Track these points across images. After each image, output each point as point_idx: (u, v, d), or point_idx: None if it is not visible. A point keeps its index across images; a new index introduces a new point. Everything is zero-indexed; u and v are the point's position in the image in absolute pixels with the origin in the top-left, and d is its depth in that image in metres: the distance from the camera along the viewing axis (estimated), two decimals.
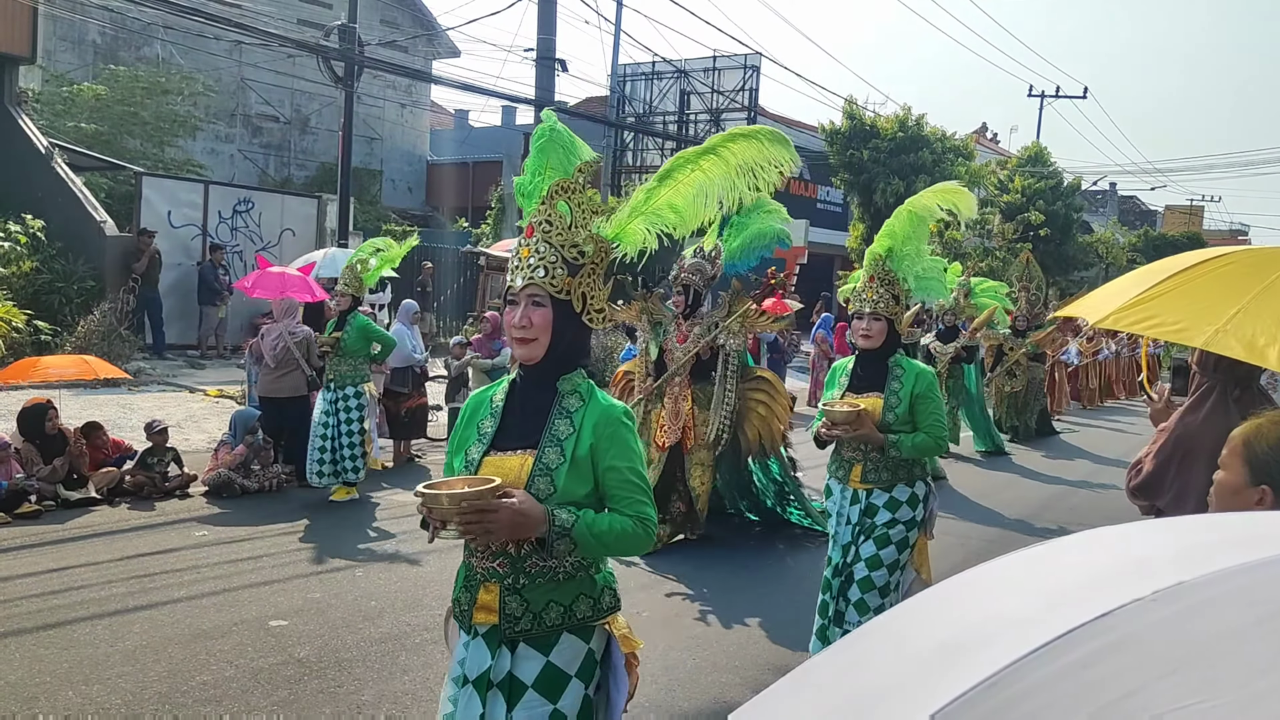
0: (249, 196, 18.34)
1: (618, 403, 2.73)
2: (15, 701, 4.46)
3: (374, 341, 8.73)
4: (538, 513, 2.46)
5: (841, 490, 4.72)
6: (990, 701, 0.82)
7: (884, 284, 4.65)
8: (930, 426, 4.54)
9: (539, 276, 2.60)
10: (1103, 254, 35.40)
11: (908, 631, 1.07)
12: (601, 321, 2.72)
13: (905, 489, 4.62)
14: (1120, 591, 0.88)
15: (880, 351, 4.64)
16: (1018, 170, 32.39)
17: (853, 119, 26.06)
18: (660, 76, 31.80)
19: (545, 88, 16.88)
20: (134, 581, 6.16)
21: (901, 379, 4.57)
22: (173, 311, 16.26)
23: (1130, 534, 1.12)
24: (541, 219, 2.67)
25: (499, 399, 2.77)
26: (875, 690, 0.96)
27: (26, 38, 16.90)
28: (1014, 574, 1.11)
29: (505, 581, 2.59)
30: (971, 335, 12.70)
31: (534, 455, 2.60)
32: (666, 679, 5.11)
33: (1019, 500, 10.35)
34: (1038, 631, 0.86)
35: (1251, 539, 1.00)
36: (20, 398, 9.49)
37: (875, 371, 4.64)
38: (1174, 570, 0.90)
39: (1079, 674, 0.81)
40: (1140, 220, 51.92)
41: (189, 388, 13.73)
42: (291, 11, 25.29)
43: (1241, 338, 2.81)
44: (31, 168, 16.42)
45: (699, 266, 7.46)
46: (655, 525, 2.65)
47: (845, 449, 4.69)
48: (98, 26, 23.61)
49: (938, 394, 4.62)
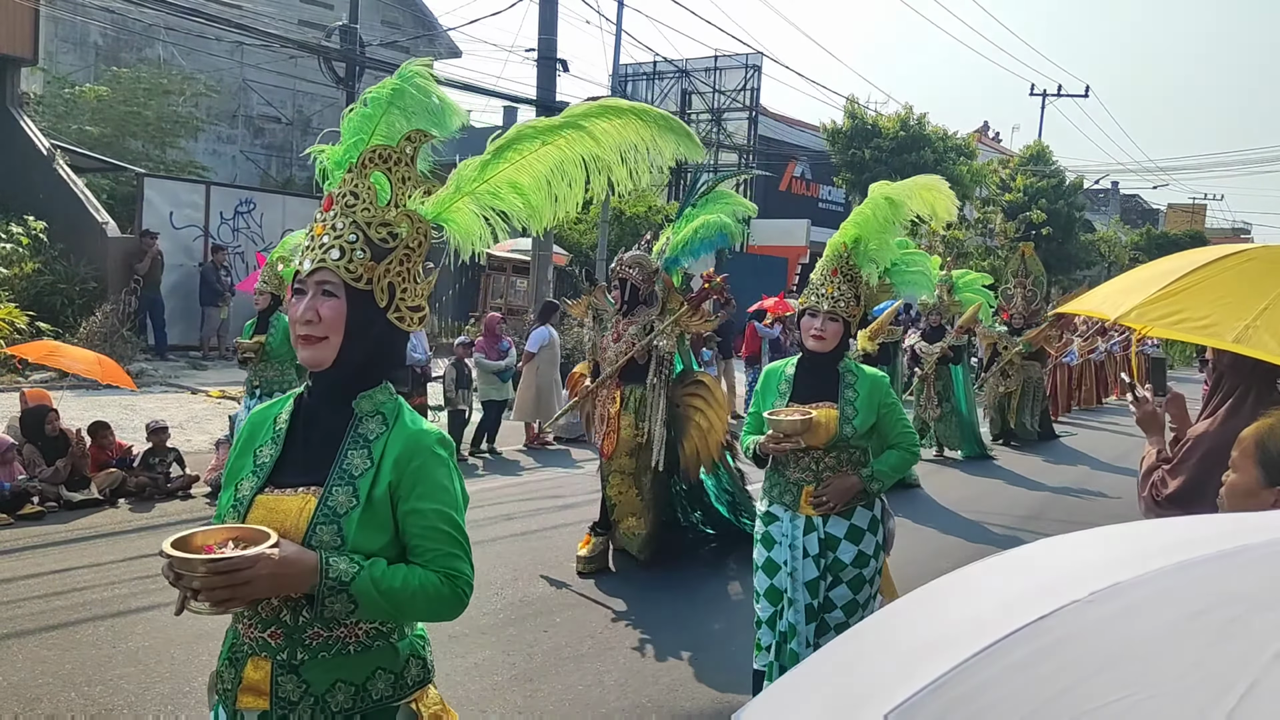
0: (250, 197, 18.37)
1: (431, 428, 2.20)
2: (18, 702, 4.47)
3: None
4: (307, 564, 1.95)
5: (791, 518, 4.09)
6: (937, 701, 0.85)
7: (847, 280, 4.11)
8: (901, 438, 4.11)
9: (332, 258, 2.10)
10: (1105, 253, 35.40)
11: (890, 635, 1.11)
12: (418, 322, 2.22)
13: (865, 513, 4.10)
14: (1061, 594, 0.91)
15: (831, 355, 4.09)
16: (1020, 169, 32.42)
17: (854, 118, 26.09)
18: (661, 76, 31.85)
19: (546, 88, 16.86)
20: (136, 583, 6.17)
21: (856, 386, 4.04)
22: (175, 312, 16.28)
23: (1088, 539, 1.15)
24: (345, 190, 2.17)
25: (284, 419, 2.22)
26: (860, 691, 0.99)
27: (28, 39, 16.93)
28: (978, 580, 1.14)
29: (279, 657, 2.05)
30: (958, 334, 12.30)
31: (318, 495, 2.07)
32: (669, 679, 5.12)
33: (1010, 507, 9.97)
34: (985, 634, 0.89)
35: (1194, 540, 1.03)
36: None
37: (823, 378, 4.09)
38: (1112, 572, 0.93)
39: (1017, 674, 0.84)
40: (1142, 219, 51.90)
41: (191, 389, 13.75)
42: (293, 12, 25.32)
43: (1275, 333, 2.74)
44: (33, 169, 16.45)
45: (638, 260, 6.93)
46: (469, 582, 2.13)
47: (790, 469, 4.09)
48: (99, 28, 23.64)
49: (897, 398, 4.22)
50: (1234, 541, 0.96)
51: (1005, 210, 31.55)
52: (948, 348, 12.13)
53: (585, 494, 9.33)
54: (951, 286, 12.38)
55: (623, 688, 5.01)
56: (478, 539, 7.50)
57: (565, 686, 4.98)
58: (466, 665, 5.15)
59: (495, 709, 4.68)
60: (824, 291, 4.08)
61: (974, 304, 12.21)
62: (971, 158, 26.54)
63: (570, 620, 5.95)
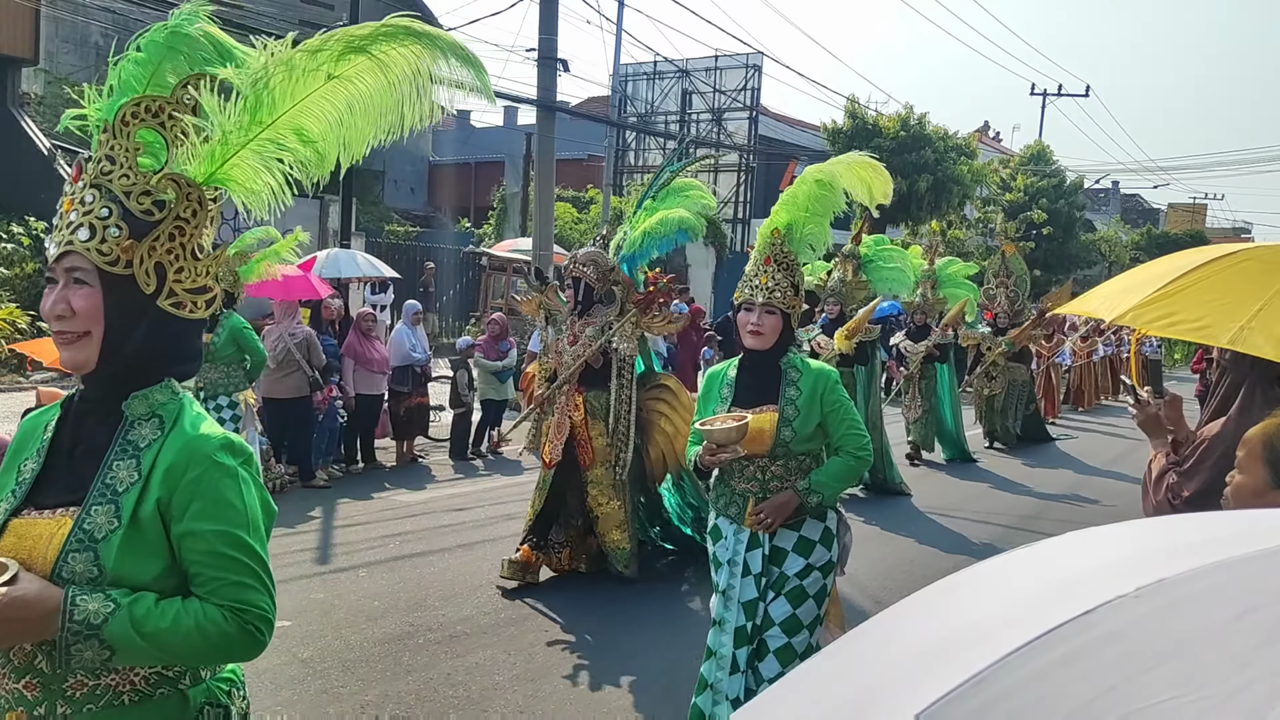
0: None
1: (216, 431, 1.86)
2: None
3: (245, 351, 7.69)
4: (48, 605, 1.62)
5: (735, 532, 3.76)
6: (974, 700, 0.82)
7: (782, 268, 3.75)
8: (847, 440, 3.67)
9: (80, 239, 1.76)
10: (1105, 252, 35.40)
11: (898, 634, 1.08)
12: (203, 307, 1.90)
13: (816, 524, 3.74)
14: (1103, 589, 0.89)
15: (771, 353, 3.73)
16: (1020, 169, 32.42)
17: (855, 118, 26.11)
18: (662, 76, 31.83)
19: (547, 88, 16.86)
20: None
21: (798, 383, 3.67)
22: None
23: (1117, 533, 1.13)
24: (100, 155, 1.82)
25: (50, 428, 1.88)
26: (867, 691, 0.96)
27: (29, 40, 16.94)
28: (1002, 575, 1.11)
29: (35, 712, 1.71)
30: (943, 332, 11.84)
31: (75, 517, 1.73)
32: (669, 680, 5.11)
33: (993, 513, 9.38)
34: (1022, 630, 0.87)
35: (1232, 536, 1.01)
36: (22, 399, 9.49)
37: (765, 379, 3.73)
38: (1156, 567, 0.91)
39: (1061, 670, 0.82)
40: (1143, 218, 51.87)
41: (189, 389, 13.73)
42: (293, 13, 25.31)
43: (1270, 335, 2.74)
44: (34, 170, 16.46)
45: (592, 257, 6.53)
46: (263, 617, 1.78)
47: (735, 479, 3.77)
48: (100, 28, 23.62)
49: (847, 396, 3.76)
50: (1277, 538, 0.94)
51: (1006, 210, 31.53)
52: (933, 346, 11.71)
53: None
54: (935, 282, 12.01)
55: (624, 687, 5.00)
56: (480, 538, 7.56)
57: (566, 686, 4.97)
58: (467, 665, 5.14)
59: (496, 709, 4.67)
60: (758, 283, 3.72)
61: (960, 299, 11.92)
62: (972, 157, 26.53)
63: (571, 620, 5.94)
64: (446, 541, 7.46)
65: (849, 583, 6.32)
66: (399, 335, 10.64)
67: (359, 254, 14.58)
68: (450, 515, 8.33)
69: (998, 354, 13.44)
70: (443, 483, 9.72)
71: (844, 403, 3.69)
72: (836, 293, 9.80)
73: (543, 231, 16.23)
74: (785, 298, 3.70)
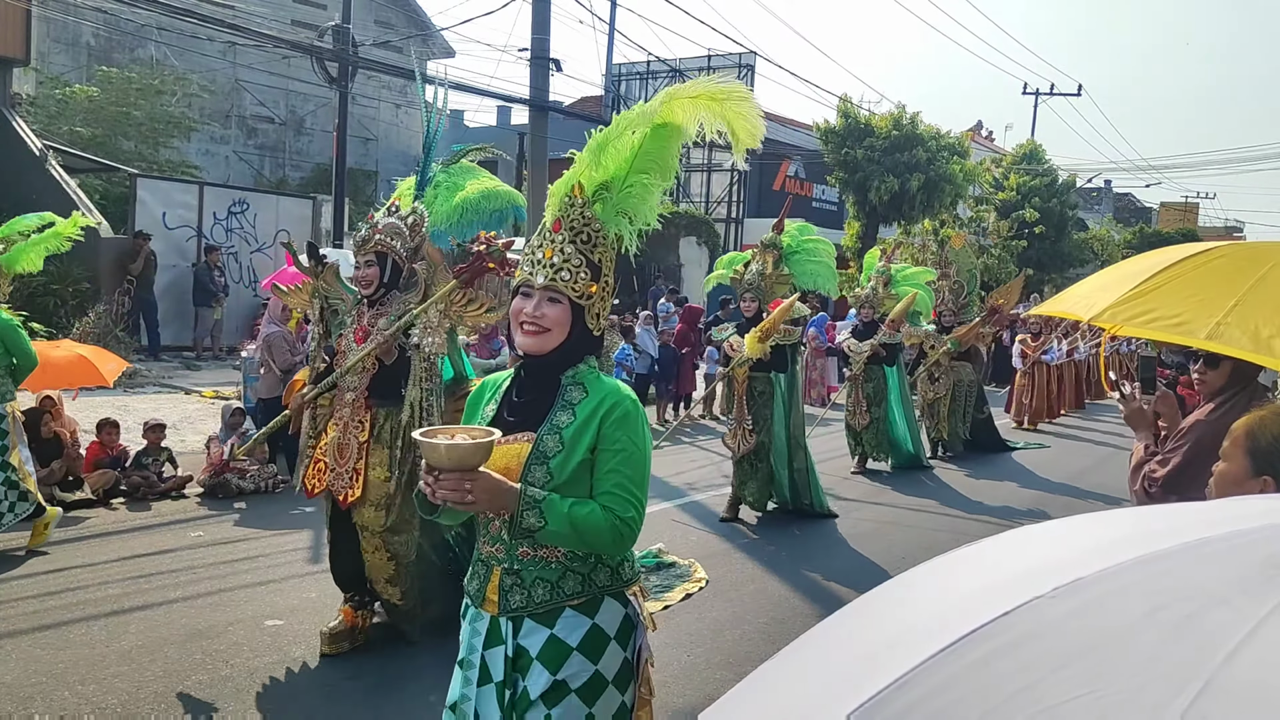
0: (244, 198, 18.35)
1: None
2: (11, 702, 4.48)
3: (12, 354, 6.69)
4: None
5: (474, 618, 2.60)
6: (902, 699, 0.85)
7: (577, 240, 2.58)
8: (611, 494, 2.46)
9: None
10: (1098, 251, 35.45)
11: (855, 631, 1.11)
12: None
13: (577, 619, 2.49)
14: (1025, 590, 0.91)
15: (554, 360, 2.59)
16: (1013, 168, 32.48)
17: (847, 117, 26.09)
18: (655, 76, 31.84)
19: (540, 87, 16.88)
20: (130, 582, 6.18)
21: (576, 407, 2.53)
22: (168, 313, 16.28)
23: (1054, 531, 1.16)
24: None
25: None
26: (822, 690, 0.99)
27: (20, 40, 16.91)
28: (946, 575, 1.14)
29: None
30: (889, 330, 10.92)
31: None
32: (661, 675, 5.12)
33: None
34: (949, 631, 0.89)
35: (1154, 533, 1.03)
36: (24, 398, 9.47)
37: (540, 396, 2.60)
38: (1076, 566, 0.93)
39: (978, 671, 0.85)
40: (1135, 217, 52.00)
41: (184, 389, 13.74)
42: (286, 12, 25.30)
43: (1245, 330, 2.78)
44: (26, 170, 16.42)
45: (396, 228, 5.10)
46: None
47: (481, 536, 2.61)
48: (91, 28, 23.60)
49: (640, 443, 2.52)
50: (1195, 534, 0.97)
51: (998, 209, 31.61)
52: (879, 345, 10.87)
53: None
54: (889, 279, 11.33)
55: None
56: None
57: None
58: None
59: None
60: (541, 257, 2.59)
61: (909, 294, 11.18)
62: (965, 156, 26.56)
63: None
64: None
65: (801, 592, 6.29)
66: None
67: (351, 254, 14.60)
68: None
69: (941, 354, 12.43)
70: None
71: (631, 451, 2.50)
72: (754, 287, 8.52)
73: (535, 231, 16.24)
74: (577, 281, 2.56)
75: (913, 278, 11.74)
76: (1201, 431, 3.37)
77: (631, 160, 2.70)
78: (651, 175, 2.72)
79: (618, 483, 2.50)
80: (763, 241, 8.79)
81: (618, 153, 2.70)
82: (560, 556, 2.52)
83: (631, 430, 2.54)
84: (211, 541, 7.21)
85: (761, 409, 8.47)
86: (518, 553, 2.52)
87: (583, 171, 2.71)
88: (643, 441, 2.57)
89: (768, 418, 8.47)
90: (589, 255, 2.61)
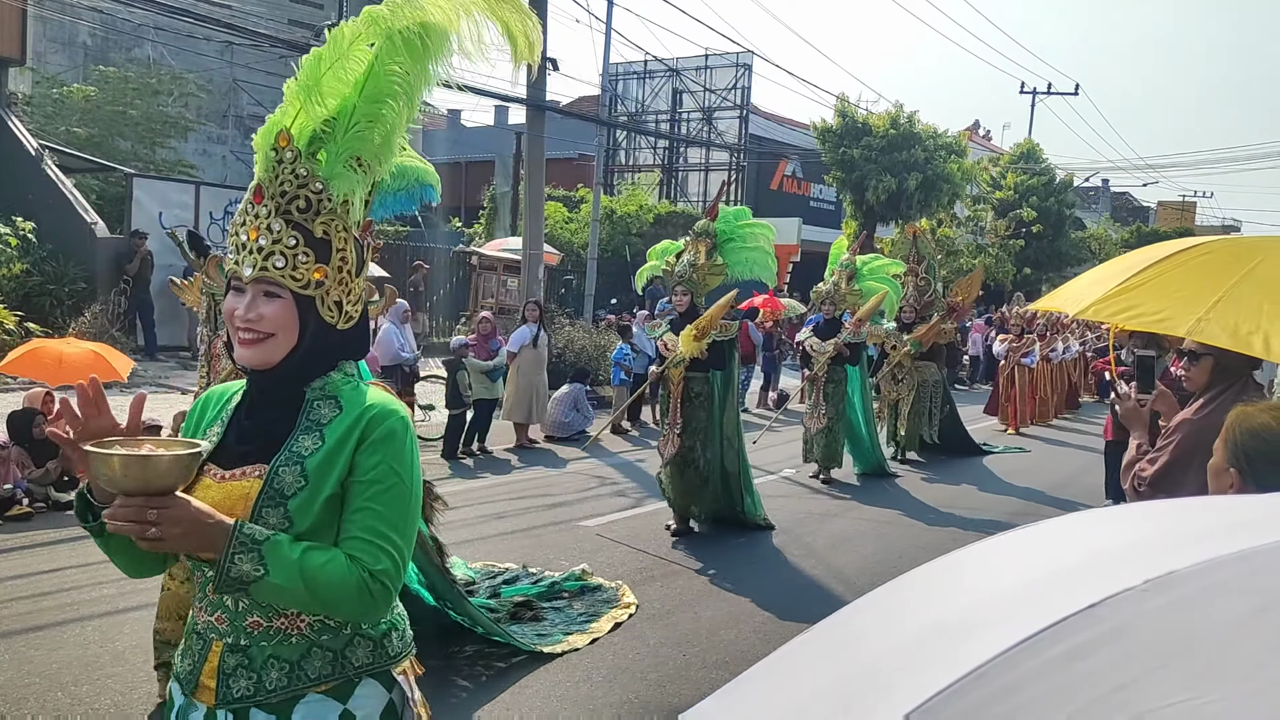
0: (240, 197, 18.24)
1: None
2: (4, 703, 4.45)
3: None
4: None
5: (181, 710, 1.97)
6: (972, 695, 0.78)
7: (293, 207, 1.93)
8: (359, 539, 1.86)
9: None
10: (1095, 250, 35.47)
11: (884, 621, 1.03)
12: None
13: (328, 704, 1.91)
14: (1109, 580, 0.85)
15: (288, 371, 1.97)
16: (1010, 167, 32.50)
17: (845, 117, 26.10)
18: (652, 75, 31.87)
19: (537, 86, 16.83)
20: (124, 583, 6.13)
21: (325, 429, 1.93)
22: (164, 313, 16.22)
23: (1120, 517, 1.08)
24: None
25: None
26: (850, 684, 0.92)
27: (16, 40, 16.87)
28: (998, 560, 1.06)
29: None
30: (854, 329, 10.30)
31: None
32: (657, 675, 5.12)
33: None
34: (1021, 622, 0.82)
35: (1244, 523, 0.97)
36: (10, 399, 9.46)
37: (273, 418, 1.97)
38: (1165, 558, 0.87)
39: (1065, 667, 0.78)
40: (1133, 216, 52.06)
41: (181, 389, 13.70)
42: (282, 12, 25.28)
43: (1225, 325, 2.82)
44: (22, 170, 16.38)
45: None
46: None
47: (199, 603, 1.98)
48: (88, 28, 23.56)
49: (404, 466, 1.91)
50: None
51: (996, 208, 31.63)
52: (843, 345, 10.19)
53: (574, 493, 9.34)
54: (853, 273, 10.60)
55: (610, 683, 5.00)
56: (467, 537, 7.54)
57: (553, 682, 4.97)
58: (455, 661, 5.14)
59: (483, 704, 4.68)
60: (246, 238, 1.95)
61: (877, 294, 10.50)
62: (962, 156, 26.58)
63: None
64: None
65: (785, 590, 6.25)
66: (388, 334, 10.60)
67: None
68: None
69: (903, 354, 11.82)
70: (431, 481, 9.69)
71: (391, 484, 1.89)
72: (686, 279, 7.74)
73: (533, 231, 16.21)
74: (296, 266, 1.92)
75: (879, 270, 10.98)
76: (1187, 430, 3.40)
77: (363, 83, 1.95)
78: (392, 103, 1.97)
79: (369, 525, 1.86)
80: (695, 229, 7.98)
81: (343, 76, 1.95)
82: (304, 627, 1.89)
83: (394, 456, 1.90)
84: None
85: (697, 411, 7.75)
86: (245, 623, 1.89)
87: (294, 113, 1.97)
88: (408, 471, 1.92)
89: (703, 420, 7.77)
90: (308, 228, 1.93)
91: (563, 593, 6.18)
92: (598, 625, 5.74)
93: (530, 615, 5.76)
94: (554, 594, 6.13)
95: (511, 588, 6.20)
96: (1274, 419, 2.25)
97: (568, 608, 5.98)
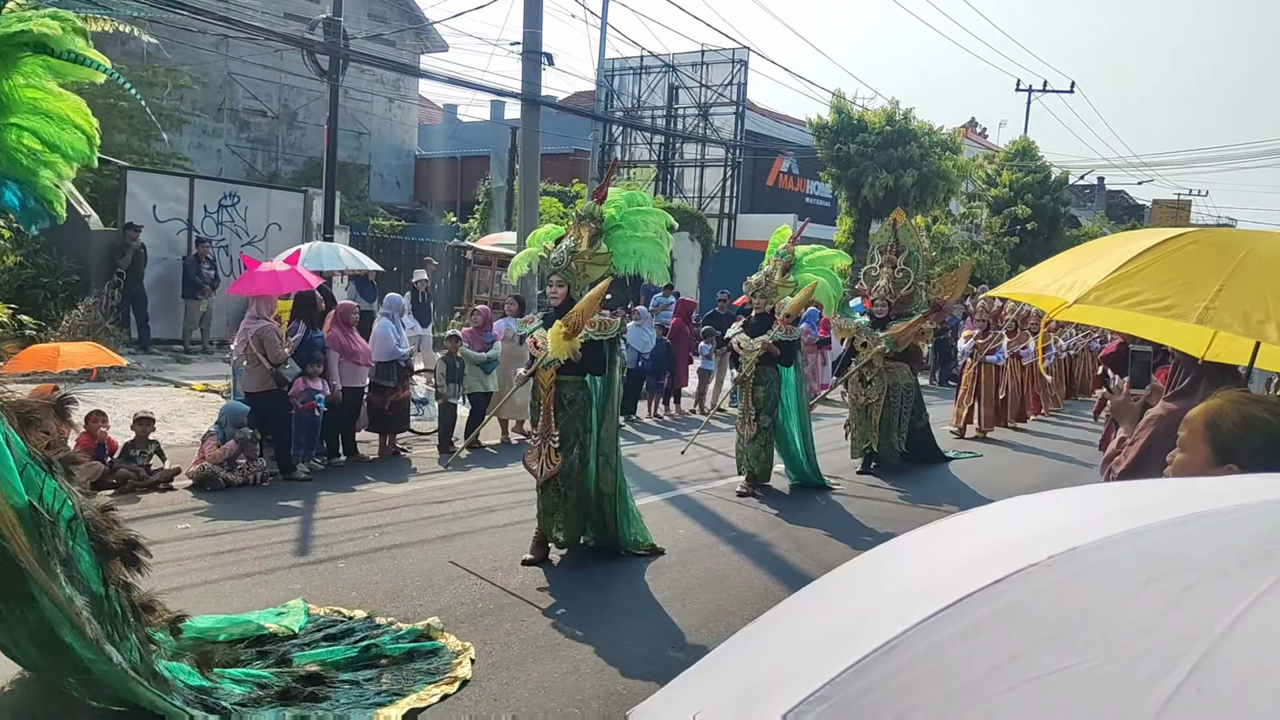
0: (234, 191, 18.27)
1: None
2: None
3: None
4: None
5: None
6: (885, 666, 0.82)
7: None
8: None
9: None
10: None
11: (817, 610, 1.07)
12: None
13: None
14: (1018, 558, 0.89)
15: None
16: (1005, 164, 32.55)
17: (841, 113, 26.12)
18: (648, 70, 31.84)
19: (531, 81, 16.82)
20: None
21: None
22: (158, 306, 16.20)
23: (1052, 501, 1.13)
24: None
25: None
26: (764, 680, 0.96)
27: None
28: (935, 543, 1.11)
29: None
30: (785, 325, 9.27)
31: None
32: (645, 669, 5.12)
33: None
34: (936, 600, 0.86)
35: (1146, 506, 1.01)
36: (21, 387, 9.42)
37: None
38: (1070, 537, 0.91)
39: (968, 639, 0.82)
40: (1128, 214, 52.13)
41: (174, 382, 13.68)
42: (278, 5, 25.22)
43: (1235, 314, 2.79)
44: None
45: None
46: None
47: None
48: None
49: None
50: (1190, 508, 0.95)
51: (991, 205, 31.67)
52: (773, 343, 9.18)
53: None
54: (790, 264, 9.57)
55: (599, 676, 5.01)
56: (459, 530, 7.56)
57: (542, 674, 4.97)
58: None
59: (471, 696, 4.67)
60: None
61: (809, 284, 9.41)
62: (957, 153, 26.61)
63: (548, 609, 5.95)
64: (425, 533, 7.44)
65: None
66: (384, 330, 10.58)
67: (341, 247, 14.55)
68: (430, 508, 8.31)
69: (874, 353, 10.61)
70: (424, 475, 9.70)
71: None
72: (563, 268, 6.80)
73: (527, 225, 16.21)
74: None
75: (820, 262, 9.92)
76: (1158, 423, 3.41)
77: None
78: None
79: None
80: (579, 212, 7.09)
81: None
82: None
83: None
84: (199, 534, 7.17)
85: (572, 420, 6.83)
86: None
87: None
88: None
89: (579, 431, 6.85)
90: None
91: (381, 658, 5.03)
92: (403, 702, 4.56)
93: (307, 694, 4.53)
94: (368, 660, 4.99)
95: (324, 650, 5.06)
96: (1258, 409, 2.21)
97: (372, 682, 4.80)
